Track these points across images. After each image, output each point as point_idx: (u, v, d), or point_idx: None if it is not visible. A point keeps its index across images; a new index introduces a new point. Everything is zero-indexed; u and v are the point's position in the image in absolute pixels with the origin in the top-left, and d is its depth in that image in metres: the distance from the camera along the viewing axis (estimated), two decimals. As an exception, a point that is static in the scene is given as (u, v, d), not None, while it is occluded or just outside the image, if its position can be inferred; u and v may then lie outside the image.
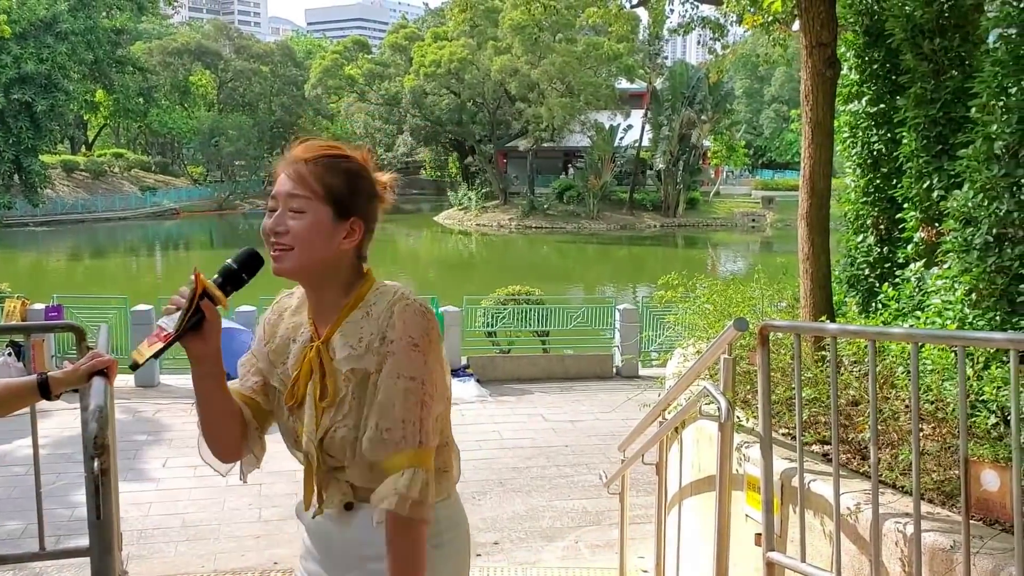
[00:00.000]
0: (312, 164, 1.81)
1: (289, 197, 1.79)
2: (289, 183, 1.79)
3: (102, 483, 1.65)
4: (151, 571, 5.80)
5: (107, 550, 1.66)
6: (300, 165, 1.80)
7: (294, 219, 1.78)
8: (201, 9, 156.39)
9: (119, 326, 11.96)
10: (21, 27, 43.16)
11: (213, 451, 1.92)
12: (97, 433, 1.68)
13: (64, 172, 55.14)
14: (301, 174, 1.79)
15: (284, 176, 1.81)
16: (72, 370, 2.06)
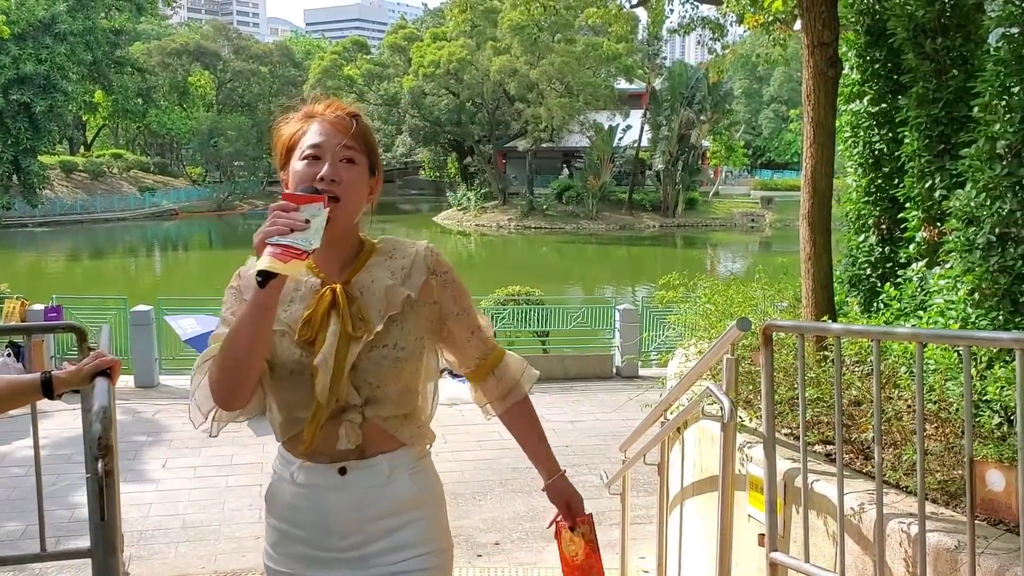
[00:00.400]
0: (357, 119, 1.92)
1: (343, 148, 1.87)
2: (340, 134, 1.88)
3: (106, 484, 1.64)
4: (151, 572, 5.79)
5: (111, 551, 1.65)
6: (348, 120, 1.90)
7: (346, 169, 1.87)
8: (200, 10, 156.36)
9: (118, 327, 11.95)
10: (20, 28, 43.11)
11: (232, 396, 1.80)
12: (101, 434, 1.67)
13: (63, 173, 55.13)
14: (351, 127, 1.89)
15: (330, 127, 1.89)
16: (75, 370, 2.05)
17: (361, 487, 1.92)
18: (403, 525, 1.96)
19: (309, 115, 1.93)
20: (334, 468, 1.91)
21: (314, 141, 1.87)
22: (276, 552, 1.97)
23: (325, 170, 1.84)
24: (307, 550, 1.93)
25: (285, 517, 1.95)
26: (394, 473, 1.95)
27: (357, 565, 1.93)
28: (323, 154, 1.86)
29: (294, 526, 1.94)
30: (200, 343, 9.68)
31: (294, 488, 1.94)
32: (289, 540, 1.95)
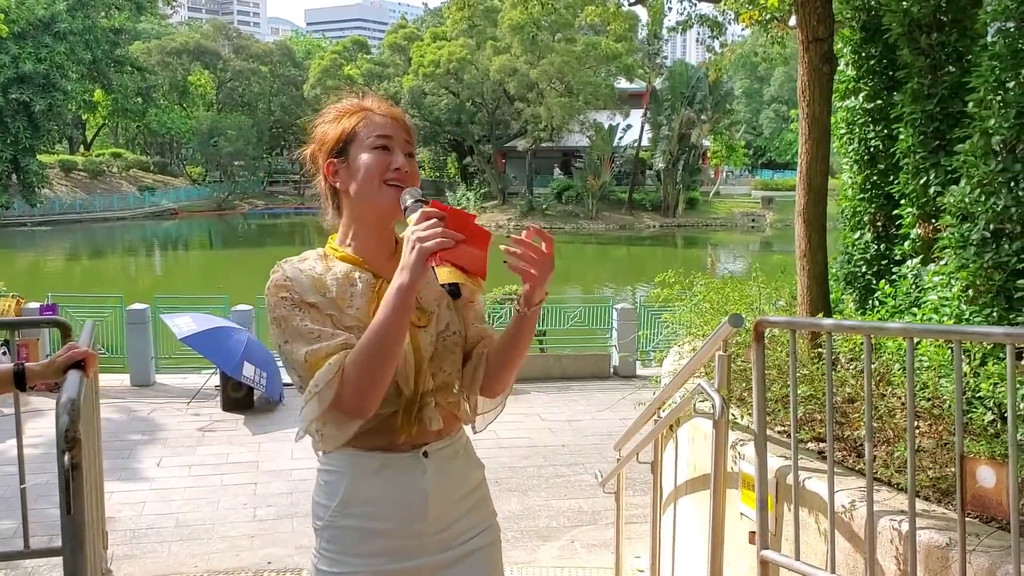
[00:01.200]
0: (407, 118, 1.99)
1: (407, 142, 1.93)
2: (403, 129, 1.94)
3: (73, 478, 1.61)
4: (144, 571, 5.76)
5: (79, 547, 1.62)
6: (405, 117, 1.97)
7: (409, 163, 1.92)
8: (200, 9, 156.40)
9: (114, 325, 11.94)
10: (19, 27, 43.17)
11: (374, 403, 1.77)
12: (68, 426, 1.64)
13: (62, 172, 55.16)
14: (408, 126, 1.96)
15: (393, 121, 1.93)
16: (49, 363, 2.03)
17: (444, 467, 1.96)
18: (477, 501, 2.04)
19: (364, 107, 1.96)
20: (418, 453, 1.92)
21: (384, 132, 1.91)
22: (354, 554, 1.91)
23: (400, 160, 1.89)
24: (393, 542, 1.91)
25: (369, 514, 1.90)
26: (463, 450, 2.04)
27: (439, 548, 1.95)
28: (392, 145, 1.90)
29: (380, 520, 1.90)
30: (195, 341, 9.65)
31: (379, 482, 1.90)
32: (372, 537, 1.90)
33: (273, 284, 1.86)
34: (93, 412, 2.60)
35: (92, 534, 2.12)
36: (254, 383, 9.54)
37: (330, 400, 1.77)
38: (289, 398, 10.23)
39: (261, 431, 9.13)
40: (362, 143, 1.91)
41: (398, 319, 1.70)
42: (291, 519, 6.72)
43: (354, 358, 1.75)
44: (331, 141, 1.95)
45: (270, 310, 1.86)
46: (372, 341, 1.72)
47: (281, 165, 72.93)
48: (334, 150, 1.94)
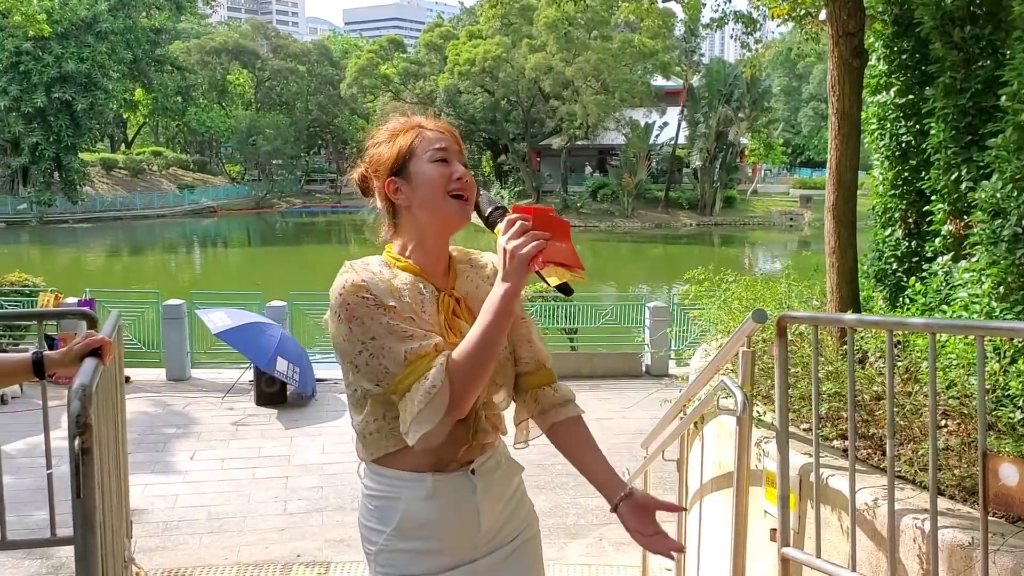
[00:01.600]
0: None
1: (460, 153, 1.98)
2: (456, 142, 1.98)
3: (83, 462, 1.64)
4: (175, 562, 5.83)
5: (89, 531, 1.65)
6: (455, 131, 2.02)
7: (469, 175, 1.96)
8: (239, 9, 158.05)
9: (151, 320, 12.10)
10: (63, 27, 43.99)
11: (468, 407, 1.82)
12: (79, 412, 1.67)
13: (103, 170, 56.09)
14: (458, 136, 2.01)
15: (447, 134, 1.98)
16: (66, 351, 2.07)
17: (490, 480, 2.00)
18: (519, 501, 2.11)
19: (417, 125, 1.98)
20: (466, 472, 1.96)
21: (441, 144, 1.94)
22: (411, 574, 1.94)
23: (460, 171, 1.93)
24: (448, 559, 1.95)
25: (424, 535, 1.93)
26: (504, 458, 2.09)
27: (490, 550, 2.00)
28: (450, 157, 1.94)
29: (436, 540, 1.93)
30: (230, 337, 9.76)
31: (433, 503, 1.92)
32: (428, 557, 1.93)
33: (350, 284, 1.85)
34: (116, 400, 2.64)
35: (112, 522, 2.15)
36: (287, 378, 9.63)
37: (447, 402, 1.78)
38: (321, 393, 10.32)
39: (293, 426, 9.21)
40: (420, 159, 1.93)
41: (503, 323, 1.75)
42: (321, 513, 6.77)
43: (459, 360, 1.78)
44: (389, 160, 1.97)
45: (346, 309, 1.83)
46: (478, 344, 1.76)
47: (318, 164, 73.55)
48: (393, 169, 1.96)
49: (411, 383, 1.78)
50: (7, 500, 2.90)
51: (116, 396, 2.53)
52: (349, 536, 6.25)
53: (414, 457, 1.89)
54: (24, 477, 6.77)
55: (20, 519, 5.73)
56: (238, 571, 5.60)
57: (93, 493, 1.67)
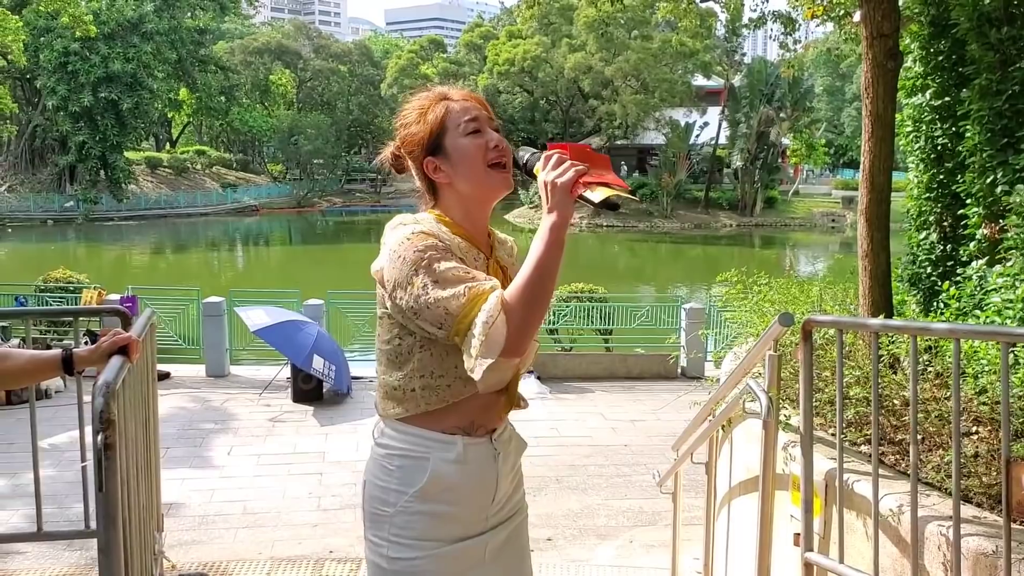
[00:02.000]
0: None
1: (490, 119, 1.99)
2: (485, 109, 1.99)
3: (106, 456, 1.69)
4: (209, 555, 5.91)
5: (111, 523, 1.70)
6: (481, 97, 2.03)
7: (502, 139, 1.98)
8: (283, 9, 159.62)
9: (192, 317, 12.29)
10: (109, 28, 44.76)
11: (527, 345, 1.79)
12: (103, 408, 1.72)
13: (148, 169, 57.02)
14: (486, 104, 2.02)
15: (475, 102, 2.00)
16: (94, 348, 2.13)
17: (507, 450, 2.04)
18: (519, 477, 2.15)
19: (445, 97, 1.99)
20: (490, 438, 2.00)
21: (471, 115, 1.96)
22: (428, 539, 1.92)
23: (494, 138, 1.95)
24: (462, 526, 1.95)
25: (446, 499, 1.92)
26: (513, 430, 2.13)
27: (496, 522, 2.03)
28: (481, 126, 1.96)
29: (455, 505, 1.93)
30: (267, 334, 9.88)
31: (460, 467, 1.92)
32: (446, 521, 1.92)
33: (419, 231, 1.85)
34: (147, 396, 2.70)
35: (141, 516, 2.20)
36: (323, 376, 9.73)
37: (504, 336, 1.73)
38: (356, 391, 10.41)
39: (328, 423, 9.30)
40: (454, 133, 1.95)
41: (556, 254, 1.75)
42: (354, 509, 6.83)
43: (514, 294, 1.75)
44: (422, 139, 1.98)
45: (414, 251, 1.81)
46: (531, 278, 1.74)
47: (358, 164, 74.00)
48: (428, 147, 1.97)
49: (471, 320, 1.75)
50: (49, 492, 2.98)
51: (147, 392, 2.59)
52: (381, 533, 6.30)
53: (448, 419, 1.91)
54: (66, 470, 6.93)
55: (61, 511, 5.88)
56: (271, 565, 5.67)
57: (116, 487, 1.72)
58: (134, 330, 2.41)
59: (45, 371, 2.20)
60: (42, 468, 3.32)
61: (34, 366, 2.18)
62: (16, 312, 9.23)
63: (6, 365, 2.17)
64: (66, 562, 5.47)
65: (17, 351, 2.23)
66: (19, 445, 7.70)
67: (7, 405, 8.88)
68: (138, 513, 2.19)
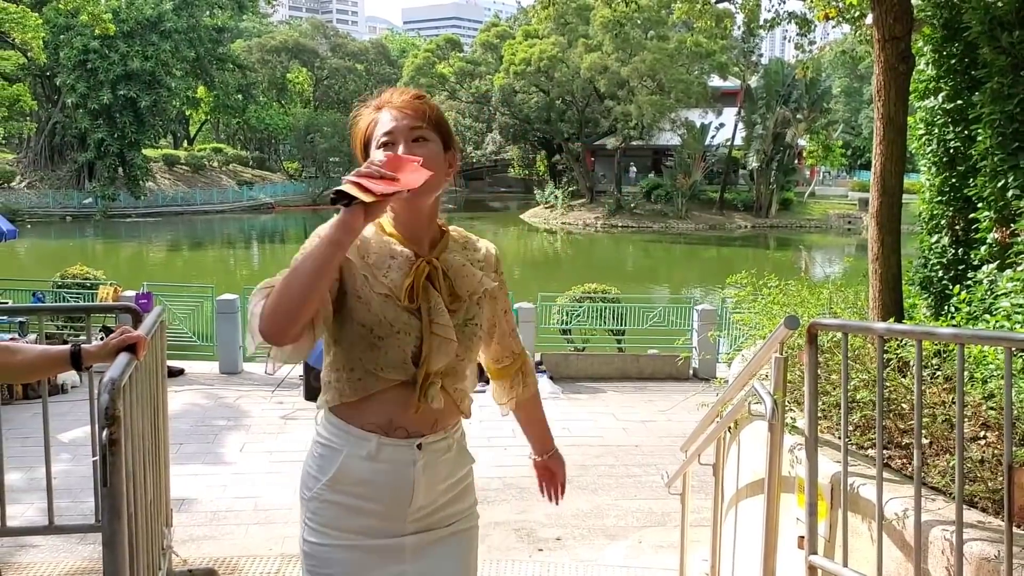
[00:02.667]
0: (423, 102, 2.04)
1: (411, 130, 1.99)
2: (408, 118, 1.99)
3: (111, 452, 1.72)
4: (221, 551, 5.96)
5: (116, 517, 1.73)
6: (415, 103, 2.02)
7: (419, 148, 1.98)
8: (300, 8, 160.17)
9: (207, 314, 12.37)
10: (128, 26, 45.08)
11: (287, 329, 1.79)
12: (108, 404, 1.75)
13: (165, 166, 57.37)
14: (419, 109, 2.01)
15: (397, 113, 2.00)
16: (103, 345, 2.16)
17: (435, 460, 2.05)
18: (461, 490, 2.15)
19: (379, 106, 2.05)
20: (412, 444, 2.00)
21: (386, 128, 1.99)
22: (336, 528, 2.00)
23: (386, 155, 1.92)
24: (377, 522, 2.00)
25: (356, 493, 1.99)
26: (456, 444, 2.12)
27: (420, 528, 2.05)
28: (396, 138, 1.98)
29: (368, 500, 1.99)
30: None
31: (372, 464, 1.98)
32: (357, 514, 1.99)
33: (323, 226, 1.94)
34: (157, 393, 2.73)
35: (148, 511, 2.23)
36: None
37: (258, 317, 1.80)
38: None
39: (340, 421, 9.33)
40: (374, 144, 2.02)
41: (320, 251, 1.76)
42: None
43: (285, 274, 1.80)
44: (359, 143, 2.08)
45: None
46: (293, 267, 1.79)
47: (374, 162, 74.15)
48: (360, 156, 2.07)
49: None
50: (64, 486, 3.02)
51: (157, 389, 2.62)
52: (390, 531, 6.34)
53: (366, 414, 1.99)
54: (81, 464, 6.98)
55: (75, 504, 5.94)
56: (282, 561, 5.70)
57: (120, 482, 1.75)
58: (143, 328, 2.45)
59: (54, 366, 2.24)
60: (58, 462, 3.37)
61: (44, 361, 2.22)
62: (31, 308, 9.32)
63: (16, 359, 2.21)
64: (79, 555, 5.53)
65: (28, 346, 2.27)
66: (34, 439, 7.76)
67: (23, 399, 8.97)
68: (145, 508, 2.22)
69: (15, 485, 6.82)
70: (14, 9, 22.87)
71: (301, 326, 1.81)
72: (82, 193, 49.77)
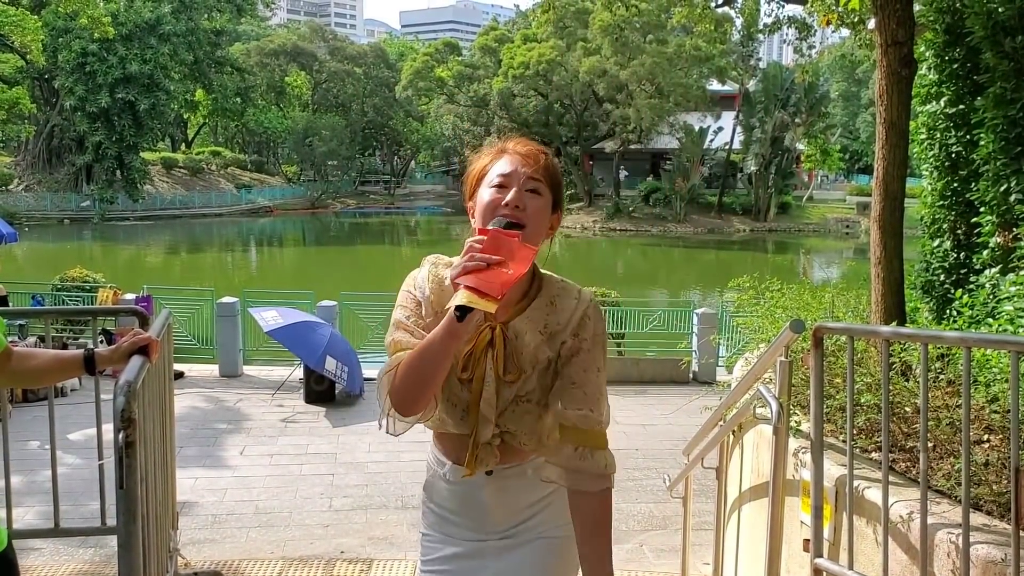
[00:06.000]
0: (547, 157, 2.02)
1: (529, 179, 1.95)
2: (529, 167, 1.96)
3: (127, 455, 1.72)
4: (222, 554, 5.96)
5: (132, 520, 1.73)
6: (539, 156, 2.00)
7: (531, 199, 1.94)
8: (298, 11, 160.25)
9: (206, 317, 12.36)
10: (127, 29, 45.11)
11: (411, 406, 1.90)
12: (124, 407, 1.76)
13: (164, 169, 57.37)
14: (540, 160, 1.99)
15: (519, 158, 1.98)
16: (115, 348, 2.17)
17: (507, 485, 2.09)
18: (545, 506, 2.13)
19: (501, 150, 2.02)
20: (480, 472, 2.05)
21: (504, 171, 1.96)
22: (436, 531, 2.17)
23: (511, 196, 1.91)
24: (465, 531, 2.13)
25: (443, 506, 2.15)
26: (532, 471, 2.09)
27: (508, 536, 2.11)
28: (510, 183, 1.94)
29: (452, 513, 2.13)
30: (281, 335, 9.94)
31: (447, 485, 2.11)
32: (448, 522, 2.14)
33: (411, 276, 2.06)
34: (164, 395, 2.73)
35: (158, 513, 2.23)
36: (336, 377, 9.78)
37: (387, 389, 1.90)
38: (368, 392, 10.45)
39: (341, 424, 9.35)
40: (487, 182, 1.98)
41: (440, 345, 1.79)
42: (365, 511, 6.87)
43: (405, 361, 1.87)
44: (468, 183, 2.06)
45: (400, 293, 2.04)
46: (419, 353, 1.84)
47: (372, 165, 74.25)
48: (470, 192, 2.04)
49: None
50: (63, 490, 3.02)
51: (164, 392, 2.62)
52: (392, 534, 6.35)
53: (444, 444, 2.10)
54: (82, 468, 6.99)
55: (76, 508, 5.93)
56: (283, 565, 5.70)
57: (136, 485, 1.75)
58: (152, 330, 2.45)
59: (68, 370, 2.25)
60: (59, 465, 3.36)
61: (58, 365, 2.23)
62: (36, 311, 9.32)
63: (31, 364, 2.22)
64: (81, 559, 5.53)
65: (41, 351, 2.28)
66: (34, 442, 7.77)
67: (23, 402, 8.96)
68: (155, 510, 2.23)
69: (15, 488, 6.82)
70: (13, 12, 22.90)
71: (428, 404, 1.93)
72: (80, 196, 49.77)
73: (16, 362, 2.20)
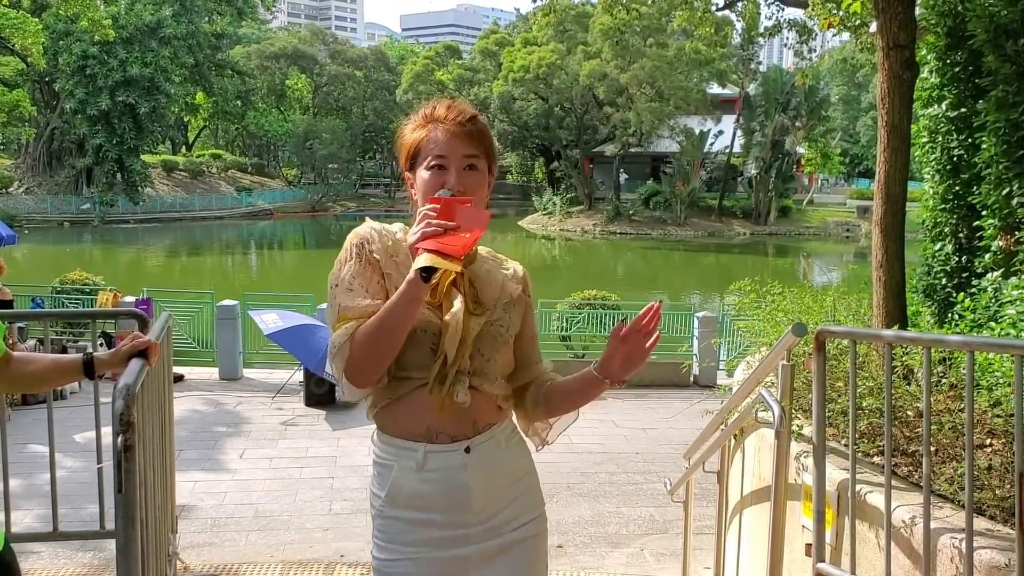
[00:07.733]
0: (476, 124, 2.04)
1: (464, 157, 1.99)
2: (462, 144, 1.99)
3: (125, 458, 1.71)
4: (222, 558, 5.94)
5: (130, 523, 1.72)
6: (470, 126, 2.02)
7: (469, 176, 1.98)
8: (299, 14, 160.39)
9: (206, 320, 12.35)
10: (128, 32, 45.13)
11: (368, 377, 1.92)
12: (123, 410, 1.75)
13: (164, 172, 57.38)
14: (473, 134, 2.01)
15: (453, 137, 1.99)
16: (114, 352, 2.15)
17: (487, 460, 2.03)
18: (524, 489, 2.12)
19: (431, 119, 2.03)
20: (459, 448, 1.99)
21: (440, 152, 1.99)
22: (399, 544, 2.00)
23: (452, 180, 1.96)
24: (438, 532, 1.99)
25: (414, 506, 1.99)
26: (507, 440, 2.09)
27: (486, 536, 2.03)
28: (448, 164, 1.98)
29: (425, 512, 1.99)
30: (281, 338, 9.92)
31: (422, 475, 1.99)
32: (417, 528, 1.99)
33: (357, 233, 2.04)
34: (163, 399, 2.72)
35: (156, 517, 2.22)
36: (335, 380, 9.75)
37: (344, 362, 1.90)
38: (369, 396, 10.42)
39: (340, 427, 9.33)
40: (423, 161, 2.01)
41: (404, 306, 1.83)
42: (365, 514, 6.84)
43: (363, 329, 1.87)
44: (404, 155, 2.08)
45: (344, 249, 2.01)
46: (379, 321, 1.85)
47: (373, 168, 74.29)
48: (408, 162, 2.07)
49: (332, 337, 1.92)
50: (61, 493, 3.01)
51: (164, 395, 2.61)
52: (392, 538, 6.32)
53: (403, 422, 2.00)
54: (80, 471, 6.97)
55: (74, 511, 5.91)
56: (283, 569, 5.69)
57: (135, 489, 1.74)
58: (152, 333, 2.44)
59: (67, 375, 2.23)
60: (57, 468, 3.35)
61: (57, 370, 2.21)
62: (35, 314, 9.31)
63: (30, 369, 2.20)
64: (79, 562, 5.51)
65: (40, 355, 2.26)
66: (32, 446, 7.75)
67: (22, 405, 8.94)
68: (154, 514, 2.22)
69: (13, 491, 6.80)
70: (14, 14, 22.91)
71: (383, 373, 1.95)
72: (80, 199, 49.80)
73: (15, 367, 2.19)
